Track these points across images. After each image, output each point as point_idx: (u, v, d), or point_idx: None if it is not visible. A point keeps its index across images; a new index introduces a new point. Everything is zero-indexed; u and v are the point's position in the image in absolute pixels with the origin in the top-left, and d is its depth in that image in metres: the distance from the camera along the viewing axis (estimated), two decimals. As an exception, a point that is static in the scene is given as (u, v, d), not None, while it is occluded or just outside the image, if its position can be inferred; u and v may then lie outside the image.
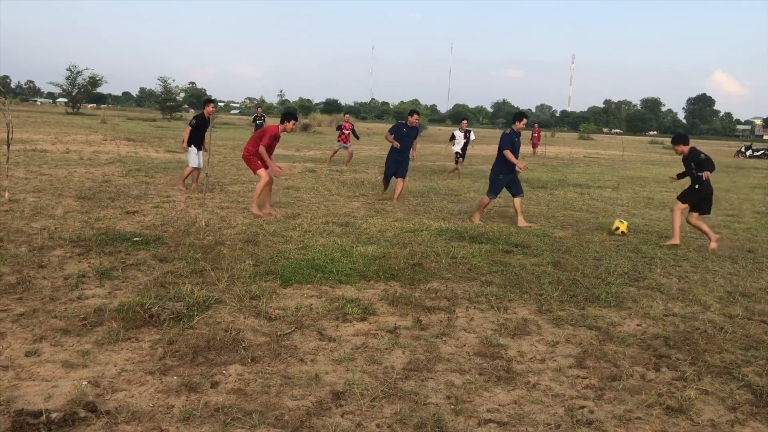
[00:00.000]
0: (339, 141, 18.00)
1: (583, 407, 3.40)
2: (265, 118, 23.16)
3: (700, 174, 8.06)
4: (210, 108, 11.06)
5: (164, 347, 3.90)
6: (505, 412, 3.31)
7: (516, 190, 9.18)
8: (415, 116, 11.45)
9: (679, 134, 8.56)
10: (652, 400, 3.51)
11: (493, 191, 9.16)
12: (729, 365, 4.08)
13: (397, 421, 3.14)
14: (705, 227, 8.12)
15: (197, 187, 10.91)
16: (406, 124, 11.18)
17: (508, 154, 8.94)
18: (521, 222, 8.95)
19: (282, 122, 8.87)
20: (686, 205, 8.27)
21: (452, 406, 3.34)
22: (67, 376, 3.44)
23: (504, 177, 9.14)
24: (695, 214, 8.22)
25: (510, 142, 8.99)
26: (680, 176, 8.76)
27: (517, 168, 9.12)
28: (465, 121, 16.98)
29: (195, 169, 10.92)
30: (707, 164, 8.10)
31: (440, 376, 3.71)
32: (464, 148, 16.29)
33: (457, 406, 3.34)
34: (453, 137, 16.33)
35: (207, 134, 10.56)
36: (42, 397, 3.19)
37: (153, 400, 3.24)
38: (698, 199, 8.22)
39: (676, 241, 8.07)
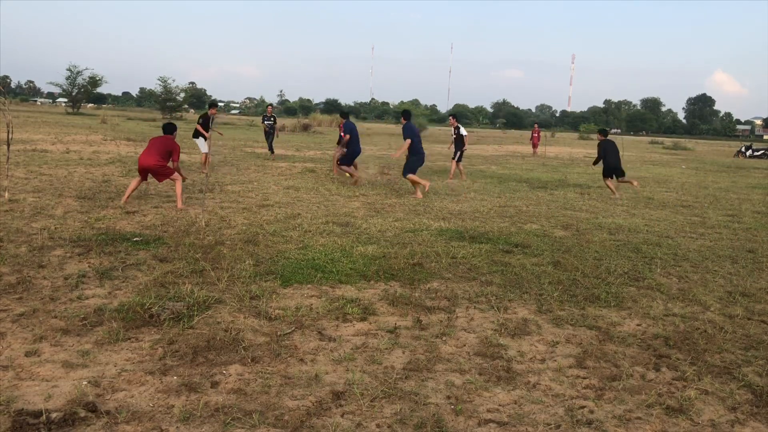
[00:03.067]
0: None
1: (583, 407, 3.40)
2: (275, 118, 20.22)
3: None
4: (213, 110, 14.29)
5: (164, 347, 3.90)
6: (505, 412, 3.31)
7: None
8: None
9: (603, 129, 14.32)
10: (652, 400, 3.51)
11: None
12: (729, 365, 4.08)
13: (397, 421, 3.14)
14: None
15: (205, 168, 13.12)
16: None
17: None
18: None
19: (172, 132, 9.68)
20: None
21: (452, 406, 3.34)
22: (67, 376, 3.44)
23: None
24: None
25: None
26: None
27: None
28: (452, 118, 16.06)
29: (206, 153, 13.62)
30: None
31: (440, 376, 3.71)
32: (456, 145, 15.60)
33: (457, 406, 3.34)
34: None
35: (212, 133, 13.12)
36: (42, 397, 3.19)
37: (153, 400, 3.24)
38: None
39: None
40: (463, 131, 15.63)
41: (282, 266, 5.87)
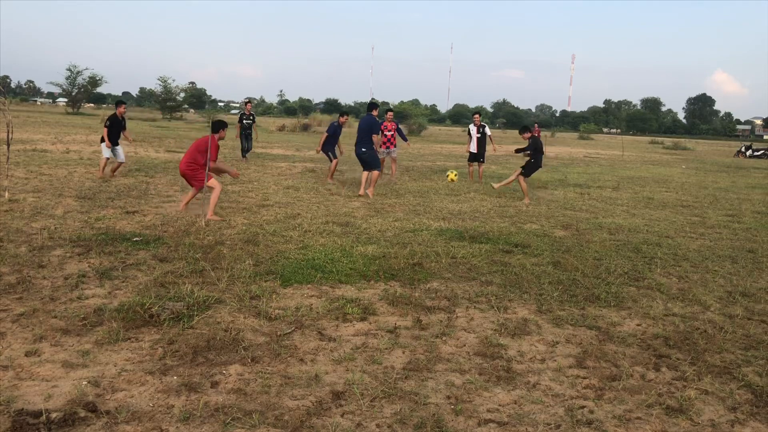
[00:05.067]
0: (381, 147, 14.06)
1: (583, 407, 3.40)
2: (254, 117, 17.84)
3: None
4: (121, 109, 12.76)
5: (164, 347, 3.90)
6: (505, 412, 3.31)
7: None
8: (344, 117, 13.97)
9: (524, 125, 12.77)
10: (652, 400, 3.51)
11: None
12: (729, 365, 4.08)
13: (397, 421, 3.14)
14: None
15: (104, 175, 11.98)
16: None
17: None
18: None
19: (218, 131, 8.87)
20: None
21: (452, 406, 3.34)
22: (67, 376, 3.44)
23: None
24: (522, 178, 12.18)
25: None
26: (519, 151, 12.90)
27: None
28: (477, 116, 15.03)
29: (108, 159, 12.23)
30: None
31: (440, 376, 3.71)
32: (480, 146, 14.81)
33: (457, 406, 3.34)
34: (469, 133, 15.11)
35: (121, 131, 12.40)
36: (42, 397, 3.19)
37: (153, 400, 3.24)
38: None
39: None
40: (488, 130, 14.90)
41: (282, 266, 5.87)
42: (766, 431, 3.27)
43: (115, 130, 12.22)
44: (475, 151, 14.95)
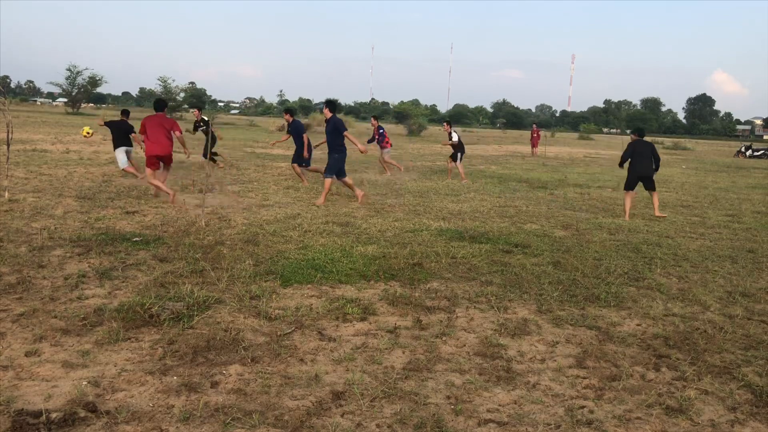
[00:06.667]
0: (384, 146, 15.98)
1: (583, 407, 3.40)
2: (208, 123, 14.43)
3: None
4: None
5: (164, 347, 3.90)
6: (505, 412, 3.31)
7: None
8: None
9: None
10: (652, 400, 3.51)
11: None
12: (729, 365, 4.08)
13: (397, 421, 3.14)
14: None
15: (139, 173, 11.52)
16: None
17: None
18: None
19: (162, 109, 9.89)
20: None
21: (452, 406, 3.33)
22: (67, 376, 3.44)
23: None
24: None
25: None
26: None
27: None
28: (445, 124, 16.34)
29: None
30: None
31: (440, 376, 3.71)
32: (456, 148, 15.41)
33: (457, 406, 3.34)
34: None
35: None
36: (42, 397, 3.19)
37: (153, 400, 3.23)
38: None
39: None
40: (454, 137, 15.24)
41: (282, 266, 5.87)
42: (766, 431, 3.27)
43: (127, 134, 12.27)
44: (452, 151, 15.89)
